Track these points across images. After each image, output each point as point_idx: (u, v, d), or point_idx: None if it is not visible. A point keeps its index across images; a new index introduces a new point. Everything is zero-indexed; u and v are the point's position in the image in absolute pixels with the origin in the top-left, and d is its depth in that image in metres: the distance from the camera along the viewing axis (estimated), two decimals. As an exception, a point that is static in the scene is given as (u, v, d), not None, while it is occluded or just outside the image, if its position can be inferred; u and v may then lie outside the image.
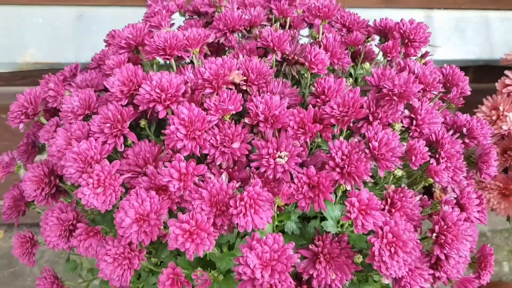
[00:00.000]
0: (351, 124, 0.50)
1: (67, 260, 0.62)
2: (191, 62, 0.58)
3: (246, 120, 0.50)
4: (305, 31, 0.71)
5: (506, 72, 0.71)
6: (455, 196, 0.53)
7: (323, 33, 0.61)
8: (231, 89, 0.51)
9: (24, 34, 0.95)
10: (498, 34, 1.00)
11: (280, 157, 0.48)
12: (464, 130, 0.56)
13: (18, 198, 0.60)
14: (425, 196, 0.57)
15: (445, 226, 0.47)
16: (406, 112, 0.53)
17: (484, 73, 1.01)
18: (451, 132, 0.54)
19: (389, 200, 0.48)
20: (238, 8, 0.67)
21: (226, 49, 0.63)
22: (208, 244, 0.42)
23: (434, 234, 0.47)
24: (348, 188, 0.46)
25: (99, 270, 0.46)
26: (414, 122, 0.52)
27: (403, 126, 0.53)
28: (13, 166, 0.59)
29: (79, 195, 0.46)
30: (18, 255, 0.58)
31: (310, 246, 0.47)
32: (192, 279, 0.46)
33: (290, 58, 0.59)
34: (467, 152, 0.62)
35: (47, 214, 0.50)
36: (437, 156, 0.50)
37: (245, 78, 0.52)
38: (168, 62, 0.57)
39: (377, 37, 0.67)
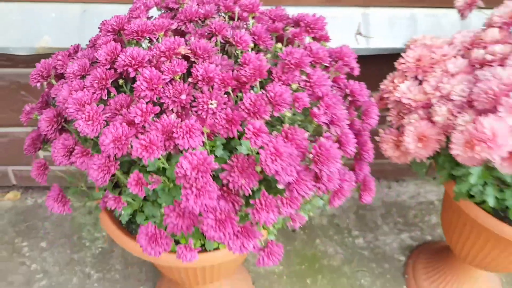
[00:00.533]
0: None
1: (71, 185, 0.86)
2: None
3: (190, 79, 0.74)
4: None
5: (402, 54, 0.94)
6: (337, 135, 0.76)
7: (254, 23, 0.85)
8: (180, 58, 0.75)
9: (41, 25, 1.19)
10: (422, 28, 1.22)
11: (211, 104, 0.72)
12: (348, 91, 0.79)
13: (35, 138, 0.84)
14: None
15: (320, 150, 0.71)
16: (304, 77, 0.77)
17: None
18: (335, 91, 0.77)
19: (283, 133, 0.72)
20: (198, 5, 0.91)
21: (186, 33, 0.87)
22: (157, 153, 0.66)
23: (312, 155, 0.71)
24: (257, 124, 0.70)
25: (89, 176, 0.70)
26: (308, 83, 0.76)
27: (300, 86, 0.76)
28: (32, 114, 0.83)
29: (76, 125, 0.70)
30: (34, 176, 0.82)
31: (228, 161, 0.70)
32: (150, 181, 0.70)
33: (230, 40, 0.83)
34: (358, 109, 0.86)
35: (55, 142, 0.75)
36: (319, 105, 0.73)
37: (189, 51, 0.75)
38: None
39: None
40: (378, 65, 1.16)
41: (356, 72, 0.89)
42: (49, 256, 1.46)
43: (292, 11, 1.11)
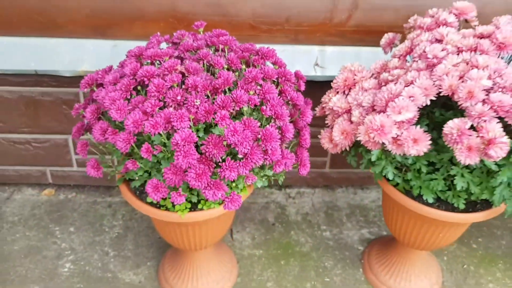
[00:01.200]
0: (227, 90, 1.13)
1: (102, 160, 1.25)
2: (165, 64, 1.22)
3: (184, 86, 1.14)
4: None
5: (336, 76, 1.33)
6: (280, 126, 1.15)
7: (229, 53, 1.26)
8: (177, 73, 1.15)
9: (82, 55, 1.60)
10: (365, 61, 1.61)
11: (196, 101, 1.11)
12: (289, 97, 1.19)
13: (80, 127, 1.24)
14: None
15: (265, 133, 1.09)
16: (259, 87, 1.16)
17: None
18: (281, 98, 1.17)
19: (243, 122, 1.10)
20: (193, 40, 1.32)
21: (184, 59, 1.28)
22: (160, 129, 1.05)
23: (259, 136, 1.09)
24: (223, 112, 1.09)
25: (116, 146, 1.09)
26: (261, 91, 1.15)
27: (256, 93, 1.15)
28: (80, 110, 1.24)
29: (110, 113, 1.10)
30: (79, 151, 1.21)
31: (206, 138, 1.09)
32: (155, 149, 1.09)
33: (212, 63, 1.23)
34: (300, 111, 1.24)
35: (95, 126, 1.14)
36: (266, 105, 1.13)
37: (184, 69, 1.16)
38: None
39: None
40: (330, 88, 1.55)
41: (302, 88, 1.29)
42: (76, 238, 1.83)
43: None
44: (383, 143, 1.13)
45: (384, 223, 1.95)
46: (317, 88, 1.57)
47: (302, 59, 1.60)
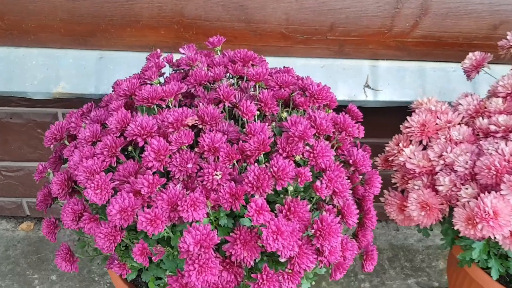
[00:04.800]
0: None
1: (78, 240, 0.89)
2: (168, 106, 0.84)
3: (196, 149, 0.76)
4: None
5: (408, 117, 0.95)
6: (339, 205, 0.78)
7: (260, 89, 0.87)
8: (187, 128, 0.77)
9: (58, 71, 1.23)
10: (431, 81, 1.23)
11: (216, 174, 0.73)
12: (350, 161, 0.81)
13: (47, 194, 0.87)
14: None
15: (321, 225, 0.72)
16: (308, 148, 0.78)
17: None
18: (337, 162, 0.79)
19: (286, 206, 0.73)
20: (208, 65, 0.94)
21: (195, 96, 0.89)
22: (161, 228, 0.68)
23: (313, 230, 0.72)
24: (257, 197, 0.71)
25: (96, 243, 0.72)
26: (311, 154, 0.77)
27: (304, 157, 0.77)
28: (45, 172, 0.86)
29: (85, 194, 0.72)
30: (45, 233, 0.84)
31: (231, 234, 0.72)
32: (154, 252, 0.72)
33: (237, 106, 0.85)
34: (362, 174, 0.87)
35: (65, 206, 0.77)
36: (321, 178, 0.75)
37: (197, 122, 0.77)
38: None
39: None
40: (386, 115, 1.17)
41: (361, 135, 0.91)
42: (58, 290, 1.49)
43: (301, 62, 1.14)
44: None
45: (434, 270, 1.60)
46: (366, 116, 1.19)
47: (347, 78, 1.22)
